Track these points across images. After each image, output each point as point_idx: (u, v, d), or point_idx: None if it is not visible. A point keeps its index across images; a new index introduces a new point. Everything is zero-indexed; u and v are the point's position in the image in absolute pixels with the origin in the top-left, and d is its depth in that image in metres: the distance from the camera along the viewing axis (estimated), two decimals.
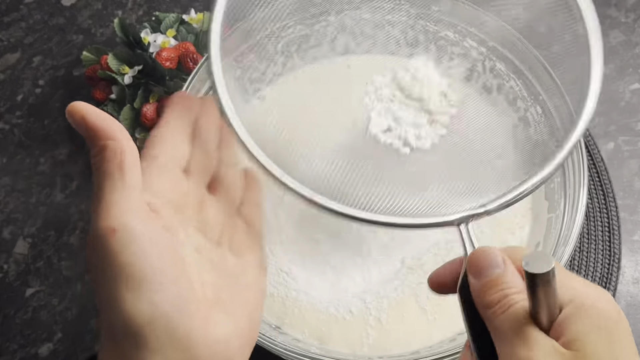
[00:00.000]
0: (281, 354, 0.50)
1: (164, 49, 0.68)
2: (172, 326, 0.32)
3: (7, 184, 0.72)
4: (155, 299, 0.31)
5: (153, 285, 0.31)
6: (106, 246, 0.31)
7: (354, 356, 0.55)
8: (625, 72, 0.75)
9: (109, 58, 0.68)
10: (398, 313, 0.56)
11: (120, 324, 0.31)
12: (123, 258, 0.31)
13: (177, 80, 0.67)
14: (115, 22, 0.70)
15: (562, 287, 0.31)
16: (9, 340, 0.64)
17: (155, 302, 0.31)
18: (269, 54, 0.66)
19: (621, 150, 0.71)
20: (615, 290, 0.64)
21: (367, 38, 0.68)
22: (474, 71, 0.66)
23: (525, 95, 0.62)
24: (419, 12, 0.65)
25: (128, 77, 0.68)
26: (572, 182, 0.55)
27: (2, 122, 0.75)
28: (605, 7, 0.79)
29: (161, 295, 0.32)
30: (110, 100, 0.69)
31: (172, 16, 0.72)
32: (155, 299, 0.31)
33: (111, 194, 0.32)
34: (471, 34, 0.64)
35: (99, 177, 0.33)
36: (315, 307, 0.56)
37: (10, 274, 0.67)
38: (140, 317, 0.31)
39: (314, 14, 0.65)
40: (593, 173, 0.69)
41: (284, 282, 0.58)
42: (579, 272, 0.65)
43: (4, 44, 0.81)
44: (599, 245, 0.66)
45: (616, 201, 0.68)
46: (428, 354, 0.50)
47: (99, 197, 0.32)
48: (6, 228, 0.69)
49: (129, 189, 0.33)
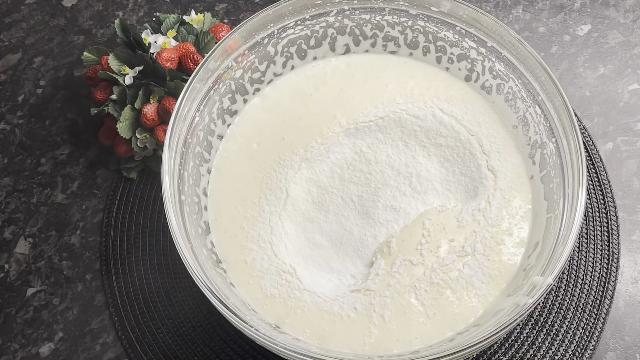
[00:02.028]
0: (281, 353, 0.50)
1: (165, 50, 0.68)
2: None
3: (8, 184, 0.72)
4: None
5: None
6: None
7: (355, 355, 0.55)
8: (624, 73, 0.75)
9: (110, 58, 0.68)
10: (400, 310, 0.56)
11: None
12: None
13: (177, 81, 0.67)
14: (116, 23, 0.70)
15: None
16: (10, 339, 0.64)
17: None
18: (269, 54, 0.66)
19: (620, 150, 0.71)
20: (614, 290, 0.64)
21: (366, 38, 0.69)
22: (473, 71, 0.66)
23: (525, 95, 0.63)
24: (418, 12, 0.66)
25: (129, 77, 0.68)
26: (571, 182, 0.56)
27: (3, 123, 0.76)
28: (604, 8, 0.80)
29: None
30: (111, 100, 0.69)
31: (172, 17, 0.73)
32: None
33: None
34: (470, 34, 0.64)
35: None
36: (320, 306, 0.57)
37: (11, 273, 0.67)
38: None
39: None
40: (592, 173, 0.70)
41: (287, 283, 0.58)
42: (577, 272, 0.65)
43: (5, 44, 0.81)
44: (598, 245, 0.66)
45: (615, 201, 0.68)
46: (428, 353, 0.50)
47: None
48: (7, 228, 0.69)
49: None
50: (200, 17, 0.74)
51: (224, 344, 0.63)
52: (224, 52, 0.62)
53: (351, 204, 0.62)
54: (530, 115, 0.62)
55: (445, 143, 0.64)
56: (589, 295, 0.64)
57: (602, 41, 0.78)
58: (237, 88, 0.66)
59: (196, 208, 0.60)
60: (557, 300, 0.64)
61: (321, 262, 0.60)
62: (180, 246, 0.53)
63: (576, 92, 0.75)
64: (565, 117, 0.58)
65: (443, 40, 0.66)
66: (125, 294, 0.65)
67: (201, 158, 0.63)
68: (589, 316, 0.63)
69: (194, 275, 0.52)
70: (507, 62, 0.63)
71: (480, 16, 0.63)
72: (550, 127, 0.60)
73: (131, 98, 0.68)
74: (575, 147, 0.56)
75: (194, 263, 0.53)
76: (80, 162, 0.73)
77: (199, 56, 0.68)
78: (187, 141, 0.60)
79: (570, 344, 0.62)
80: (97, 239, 0.68)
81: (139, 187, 0.70)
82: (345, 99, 0.67)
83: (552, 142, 0.60)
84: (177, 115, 0.58)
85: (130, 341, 0.63)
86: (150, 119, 0.67)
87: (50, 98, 0.77)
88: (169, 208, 0.54)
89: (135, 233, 0.68)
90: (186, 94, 0.59)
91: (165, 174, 0.56)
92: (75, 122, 0.75)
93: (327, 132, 0.65)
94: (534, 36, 0.78)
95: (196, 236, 0.57)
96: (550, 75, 0.59)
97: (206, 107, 0.62)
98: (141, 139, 0.68)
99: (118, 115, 0.68)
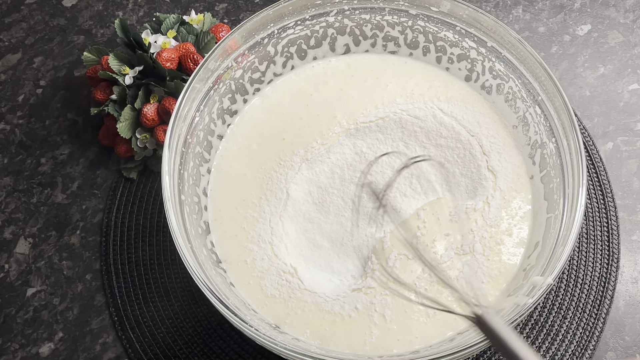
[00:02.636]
0: (281, 353, 0.50)
1: (165, 50, 0.68)
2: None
3: (8, 184, 0.72)
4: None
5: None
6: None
7: (355, 356, 0.55)
8: (624, 73, 0.75)
9: (110, 58, 0.68)
10: (401, 309, 0.56)
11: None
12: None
13: (177, 81, 0.67)
14: (116, 23, 0.70)
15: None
16: (10, 339, 0.64)
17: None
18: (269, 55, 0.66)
19: (620, 150, 0.71)
20: (614, 290, 0.64)
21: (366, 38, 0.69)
22: (473, 71, 0.66)
23: (525, 95, 0.63)
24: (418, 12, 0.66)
25: (129, 77, 0.68)
26: (571, 182, 0.56)
27: (3, 123, 0.76)
28: (604, 8, 0.80)
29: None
30: (111, 100, 0.69)
31: (172, 17, 0.73)
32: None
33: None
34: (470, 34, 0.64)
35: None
36: (320, 306, 0.57)
37: (11, 273, 0.67)
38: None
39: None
40: (592, 173, 0.70)
41: (287, 283, 0.58)
42: (577, 272, 0.65)
43: (5, 44, 0.81)
44: (598, 245, 0.66)
45: (615, 201, 0.68)
46: (428, 353, 0.50)
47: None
48: (7, 228, 0.69)
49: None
50: (200, 17, 0.74)
51: (224, 343, 0.63)
52: (224, 52, 0.62)
53: (352, 204, 0.62)
54: (530, 115, 0.62)
55: (446, 144, 0.64)
56: (589, 295, 0.64)
57: (602, 41, 0.78)
58: (237, 88, 0.66)
59: (196, 208, 0.60)
60: (557, 300, 0.64)
61: (322, 263, 0.60)
62: (180, 246, 0.53)
63: (576, 92, 0.75)
64: (565, 117, 0.58)
65: (443, 40, 0.66)
66: (125, 294, 0.65)
67: (201, 158, 0.63)
68: (589, 316, 0.63)
69: (194, 275, 0.52)
70: (507, 62, 0.63)
71: (480, 16, 0.63)
72: (550, 127, 0.60)
73: (131, 98, 0.68)
74: (575, 147, 0.56)
75: (194, 263, 0.53)
76: (80, 162, 0.73)
77: (199, 56, 0.68)
78: (187, 141, 0.60)
79: (570, 344, 0.62)
80: (97, 239, 0.68)
81: (139, 187, 0.70)
82: (345, 100, 0.67)
83: (552, 142, 0.60)
84: (177, 115, 0.58)
85: (130, 341, 0.63)
86: (150, 119, 0.67)
87: (50, 98, 0.77)
88: (169, 208, 0.54)
89: (135, 233, 0.68)
90: (186, 94, 0.59)
91: (165, 174, 0.56)
92: (75, 122, 0.75)
93: (328, 133, 0.65)
94: (534, 36, 0.78)
95: (196, 236, 0.57)
96: (550, 75, 0.59)
97: (206, 107, 0.62)
98: (141, 139, 0.68)
99: (118, 115, 0.68)
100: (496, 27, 0.62)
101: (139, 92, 0.68)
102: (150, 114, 0.67)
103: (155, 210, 0.69)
